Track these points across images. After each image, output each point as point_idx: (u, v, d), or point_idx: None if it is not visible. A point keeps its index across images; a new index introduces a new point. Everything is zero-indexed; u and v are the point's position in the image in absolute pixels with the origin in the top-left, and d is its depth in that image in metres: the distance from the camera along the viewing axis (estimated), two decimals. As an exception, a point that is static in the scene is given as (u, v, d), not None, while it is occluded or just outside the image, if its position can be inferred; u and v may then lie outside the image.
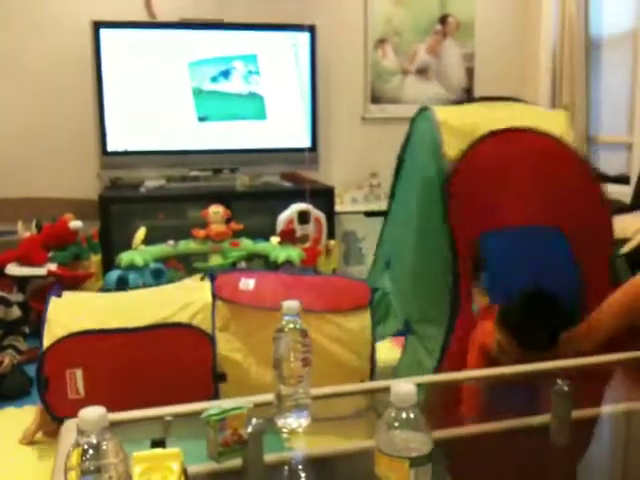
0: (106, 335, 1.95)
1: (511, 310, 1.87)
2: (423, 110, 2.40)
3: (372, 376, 2.07)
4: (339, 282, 2.38)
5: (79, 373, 1.89)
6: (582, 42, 4.35)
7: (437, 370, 2.08)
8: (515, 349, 1.85)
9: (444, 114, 2.25)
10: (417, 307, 2.25)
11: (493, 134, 2.15)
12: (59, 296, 2.09)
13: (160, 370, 1.95)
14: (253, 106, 4.23)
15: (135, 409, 1.74)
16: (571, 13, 4.34)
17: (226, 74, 4.16)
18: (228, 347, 1.99)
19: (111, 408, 1.83)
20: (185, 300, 2.05)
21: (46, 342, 1.94)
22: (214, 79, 4.14)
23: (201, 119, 4.14)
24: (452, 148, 2.15)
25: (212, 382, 1.95)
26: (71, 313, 2.01)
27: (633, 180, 3.87)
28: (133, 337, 1.96)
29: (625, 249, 2.79)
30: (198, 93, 4.12)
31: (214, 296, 2.05)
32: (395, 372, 2.38)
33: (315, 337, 2.01)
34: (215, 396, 1.95)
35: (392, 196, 2.69)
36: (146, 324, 1.98)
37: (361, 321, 2.08)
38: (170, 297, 2.12)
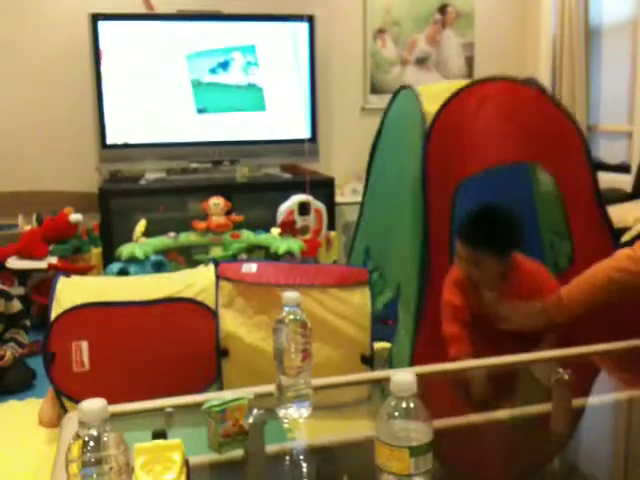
0: (112, 307, 1.98)
1: (465, 219, 1.95)
2: (402, 89, 2.49)
3: (372, 349, 2.09)
4: (337, 267, 2.43)
5: (85, 345, 1.91)
6: (582, 31, 4.33)
7: (415, 333, 2.09)
8: (469, 255, 1.91)
9: (421, 88, 2.35)
10: (402, 271, 2.25)
11: (468, 86, 2.19)
12: (68, 277, 2.12)
13: (164, 344, 1.98)
14: (252, 97, 4.22)
15: (138, 382, 1.75)
16: (571, 2, 4.33)
17: (225, 66, 4.15)
18: (232, 323, 2.02)
19: (115, 381, 1.86)
20: (190, 280, 2.10)
21: (53, 316, 1.96)
22: (213, 71, 4.13)
23: (200, 111, 4.13)
24: (432, 108, 2.19)
25: (215, 357, 1.97)
26: (79, 289, 2.04)
27: (634, 169, 3.86)
28: (139, 310, 1.99)
29: (625, 237, 2.80)
30: (197, 85, 4.11)
31: (218, 277, 2.08)
32: (393, 341, 2.36)
33: (318, 310, 2.06)
34: (218, 372, 1.97)
35: (366, 185, 2.74)
36: (152, 298, 2.01)
37: (362, 296, 2.12)
38: (175, 278, 2.17)
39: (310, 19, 4.21)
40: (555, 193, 2.21)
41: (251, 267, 2.16)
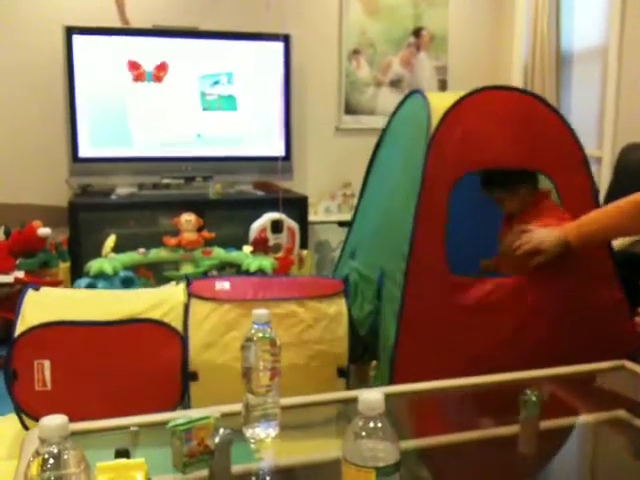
0: (75, 327, 1.94)
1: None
2: (411, 94, 2.48)
3: (349, 363, 2.07)
4: (311, 278, 2.41)
5: (47, 364, 1.87)
6: (553, 57, 4.41)
7: (399, 323, 2.08)
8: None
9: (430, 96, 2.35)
10: (388, 261, 2.24)
11: (478, 91, 2.21)
12: (36, 290, 2.07)
13: (128, 365, 1.94)
14: (227, 114, 4.22)
15: (100, 404, 1.72)
16: (543, 28, 4.41)
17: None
18: (203, 344, 1.98)
19: (76, 402, 1.83)
20: (157, 298, 2.05)
21: (17, 333, 1.92)
22: (188, 87, 4.12)
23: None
24: (439, 104, 2.21)
25: (181, 380, 1.94)
26: (44, 305, 2.00)
27: (602, 194, 3.92)
28: (102, 330, 1.95)
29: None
30: (171, 101, 4.10)
31: (189, 295, 2.05)
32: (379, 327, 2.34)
33: (294, 322, 2.03)
34: (186, 395, 1.94)
35: (362, 193, 2.75)
36: (116, 318, 1.98)
37: (338, 306, 2.10)
38: (143, 296, 2.12)
39: (286, 38, 4.23)
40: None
41: (224, 284, 2.13)
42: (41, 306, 2.00)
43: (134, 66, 3.99)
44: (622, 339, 2.14)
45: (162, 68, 4.03)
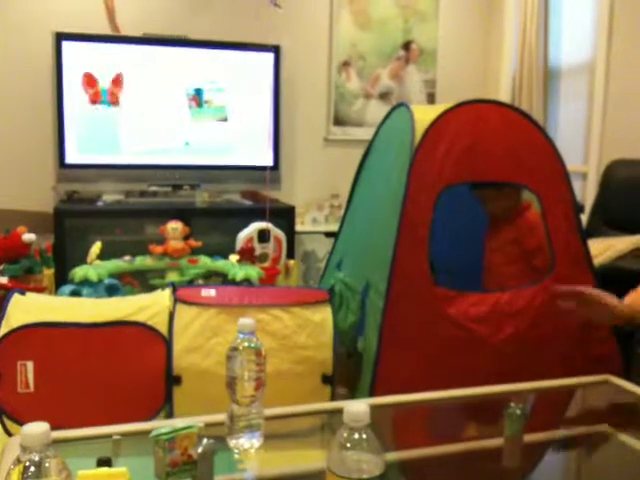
0: (59, 328, 1.93)
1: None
2: (397, 107, 2.49)
3: (334, 370, 2.07)
4: (297, 288, 2.42)
5: (30, 366, 1.86)
6: (541, 72, 4.45)
7: (381, 329, 2.08)
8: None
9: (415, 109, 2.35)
10: (373, 270, 2.24)
11: (464, 103, 2.21)
12: (23, 294, 2.07)
13: (112, 368, 1.93)
14: (215, 123, 4.22)
15: (83, 406, 1.71)
16: (531, 43, 4.45)
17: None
18: (187, 348, 1.98)
19: (59, 404, 1.81)
20: (143, 303, 2.06)
21: (0, 334, 1.91)
22: (177, 95, 4.12)
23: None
24: (423, 117, 2.22)
25: (164, 384, 1.93)
26: (30, 308, 2.00)
27: (588, 209, 3.95)
28: (86, 332, 1.94)
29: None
30: (160, 108, 4.09)
31: (175, 300, 2.05)
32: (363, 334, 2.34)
33: (279, 327, 2.03)
34: (169, 399, 1.93)
35: (348, 206, 2.75)
36: (101, 321, 1.97)
37: (323, 313, 2.11)
38: (129, 301, 2.13)
39: (276, 49, 4.24)
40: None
41: (210, 292, 2.14)
42: (26, 309, 2.00)
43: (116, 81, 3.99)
44: (602, 357, 2.15)
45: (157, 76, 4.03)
